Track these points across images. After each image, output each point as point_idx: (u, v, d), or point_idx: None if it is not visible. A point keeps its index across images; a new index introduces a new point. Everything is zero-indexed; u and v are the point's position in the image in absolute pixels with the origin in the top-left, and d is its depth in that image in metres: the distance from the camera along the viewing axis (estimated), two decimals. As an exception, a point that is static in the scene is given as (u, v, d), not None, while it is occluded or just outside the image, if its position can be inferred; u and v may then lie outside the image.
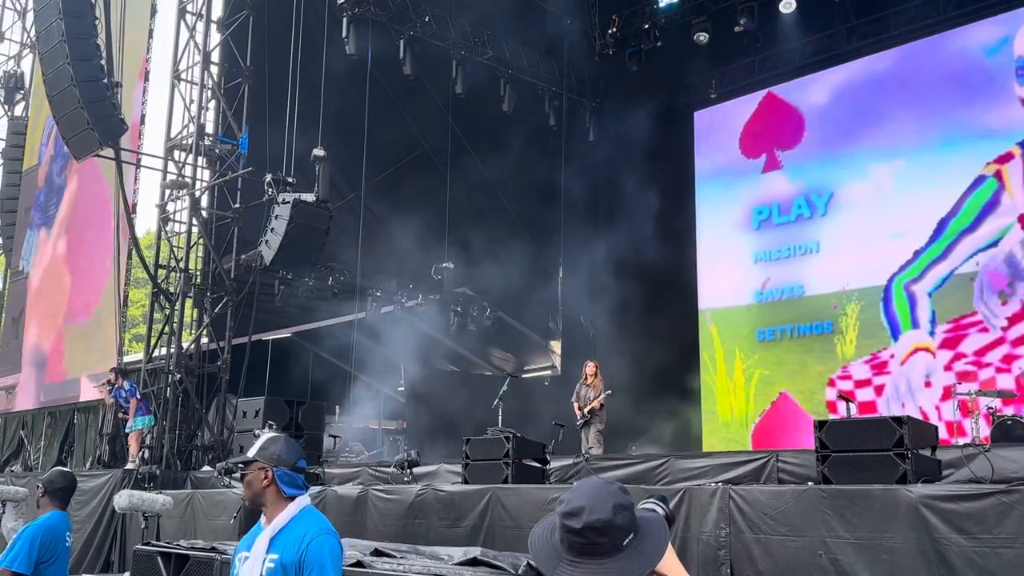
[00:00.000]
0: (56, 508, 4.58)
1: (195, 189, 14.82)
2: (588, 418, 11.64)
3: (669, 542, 1.84)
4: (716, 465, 7.97)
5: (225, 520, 9.78)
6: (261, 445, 2.91)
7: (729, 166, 16.17)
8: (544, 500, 7.29)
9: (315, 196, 12.55)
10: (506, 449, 8.27)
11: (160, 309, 15.11)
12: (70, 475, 4.75)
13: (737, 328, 15.54)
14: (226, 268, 14.54)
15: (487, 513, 7.65)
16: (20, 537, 4.42)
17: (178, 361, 13.99)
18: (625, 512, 1.72)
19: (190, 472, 12.81)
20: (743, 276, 15.52)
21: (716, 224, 16.24)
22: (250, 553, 2.83)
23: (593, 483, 1.77)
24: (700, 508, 6.32)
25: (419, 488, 8.43)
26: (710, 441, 15.29)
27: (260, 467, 2.87)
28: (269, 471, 2.87)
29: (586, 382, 11.89)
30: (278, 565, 2.74)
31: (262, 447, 2.90)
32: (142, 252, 15.40)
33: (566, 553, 1.68)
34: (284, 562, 2.74)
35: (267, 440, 2.93)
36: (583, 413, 11.61)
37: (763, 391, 14.96)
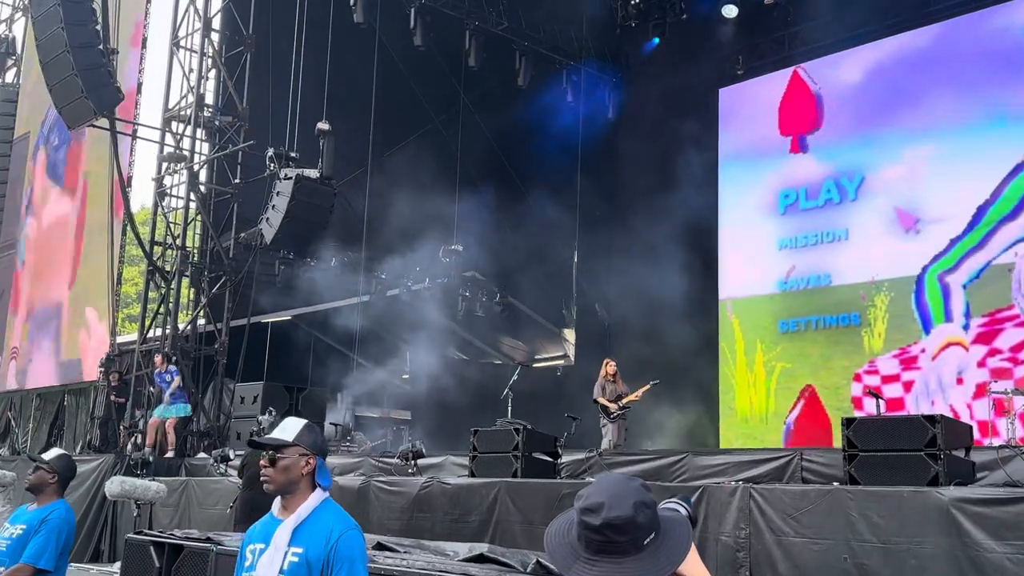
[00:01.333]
0: (60, 496, 4.52)
1: (193, 163, 14.83)
2: (626, 410, 11.88)
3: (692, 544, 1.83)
4: (736, 463, 7.96)
5: (221, 509, 9.84)
6: (299, 431, 2.89)
7: (755, 147, 16.07)
8: (555, 496, 7.30)
9: (319, 172, 12.54)
10: (516, 442, 8.28)
11: (155, 288, 15.17)
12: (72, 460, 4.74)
13: (759, 319, 15.49)
14: (225, 246, 14.57)
15: (495, 508, 7.66)
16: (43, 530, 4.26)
17: (173, 343, 14.06)
18: (647, 510, 1.72)
19: (184, 459, 12.89)
20: (767, 263, 15.45)
21: (740, 208, 16.16)
22: (267, 545, 2.81)
23: (614, 479, 1.76)
24: (719, 507, 6.31)
25: (424, 480, 8.45)
26: (728, 437, 15.28)
27: (302, 453, 2.86)
28: (312, 459, 2.88)
29: (609, 379, 12.01)
30: (303, 559, 2.74)
31: (301, 432, 2.89)
32: (137, 228, 15.45)
33: (583, 551, 1.68)
34: (310, 557, 2.74)
35: (303, 426, 2.92)
36: (618, 406, 11.73)
37: (785, 385, 14.92)
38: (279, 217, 12.38)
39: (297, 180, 12.28)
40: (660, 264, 15.50)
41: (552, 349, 19.31)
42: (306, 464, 2.86)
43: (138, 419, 14.42)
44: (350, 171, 16.18)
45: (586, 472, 8.82)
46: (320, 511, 2.85)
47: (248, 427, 12.41)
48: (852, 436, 6.37)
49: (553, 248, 17.60)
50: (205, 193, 15.07)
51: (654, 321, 15.91)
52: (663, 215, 15.50)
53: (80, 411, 17.13)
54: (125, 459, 12.32)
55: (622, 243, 17.58)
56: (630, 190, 17.62)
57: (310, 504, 2.85)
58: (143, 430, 13.90)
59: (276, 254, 14.56)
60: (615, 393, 11.96)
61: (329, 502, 2.90)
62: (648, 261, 15.69)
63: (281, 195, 12.42)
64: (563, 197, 16.89)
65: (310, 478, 2.88)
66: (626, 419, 11.98)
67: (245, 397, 13.19)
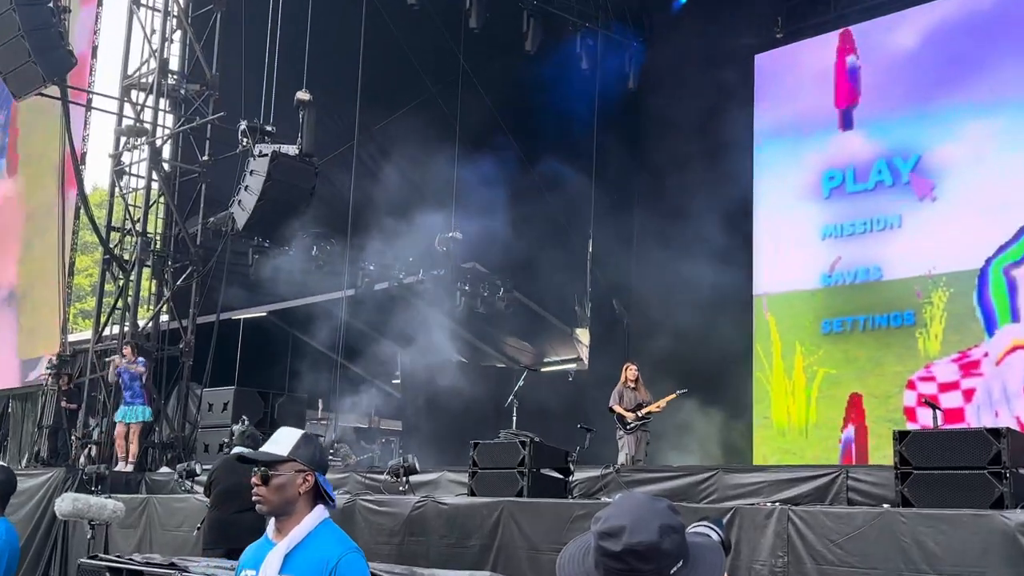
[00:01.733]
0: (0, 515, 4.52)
1: (155, 137, 14.84)
2: (647, 421, 11.91)
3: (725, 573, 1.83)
4: (772, 481, 7.95)
5: (187, 531, 9.86)
6: (294, 443, 2.89)
7: (795, 121, 16.03)
8: (567, 518, 7.30)
9: (298, 148, 12.54)
10: (521, 456, 8.28)
11: (112, 279, 15.19)
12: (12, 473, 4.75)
13: (799, 317, 15.48)
14: (191, 232, 14.59)
15: (498, 531, 7.67)
16: None
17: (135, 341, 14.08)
18: (674, 535, 1.72)
19: (145, 474, 12.93)
20: (808, 255, 15.42)
21: (777, 191, 16.13)
22: (257, 571, 2.83)
23: (637, 499, 1.76)
24: (753, 532, 6.31)
25: (417, 500, 8.46)
26: (762, 452, 15.28)
27: (299, 469, 2.85)
28: (310, 475, 2.87)
29: (629, 385, 12.04)
30: None
31: (297, 445, 2.88)
32: (91, 211, 15.48)
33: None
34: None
35: (300, 438, 2.92)
36: (636, 415, 11.75)
37: (828, 393, 14.91)
38: (253, 199, 12.38)
39: (273, 157, 12.28)
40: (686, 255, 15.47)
41: (563, 351, 19.33)
42: (303, 481, 2.85)
43: (92, 428, 14.46)
44: (334, 147, 16.18)
45: (602, 491, 8.81)
46: (317, 533, 2.84)
47: (217, 438, 12.45)
48: (905, 452, 6.35)
49: (565, 237, 17.60)
50: (169, 172, 15.07)
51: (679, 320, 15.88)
52: (690, 199, 15.47)
53: (26, 419, 17.20)
54: (77, 473, 12.35)
55: (643, 232, 17.57)
56: (652, 172, 17.60)
57: (306, 526, 2.84)
58: (98, 440, 13.94)
59: (249, 241, 14.58)
60: (635, 402, 11.98)
61: (328, 524, 2.89)
62: (672, 252, 15.67)
63: (255, 174, 12.42)
64: (576, 180, 16.87)
65: (309, 496, 2.87)
66: (647, 431, 12.01)
67: (214, 404, 13.23)
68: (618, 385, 12.20)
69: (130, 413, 13.15)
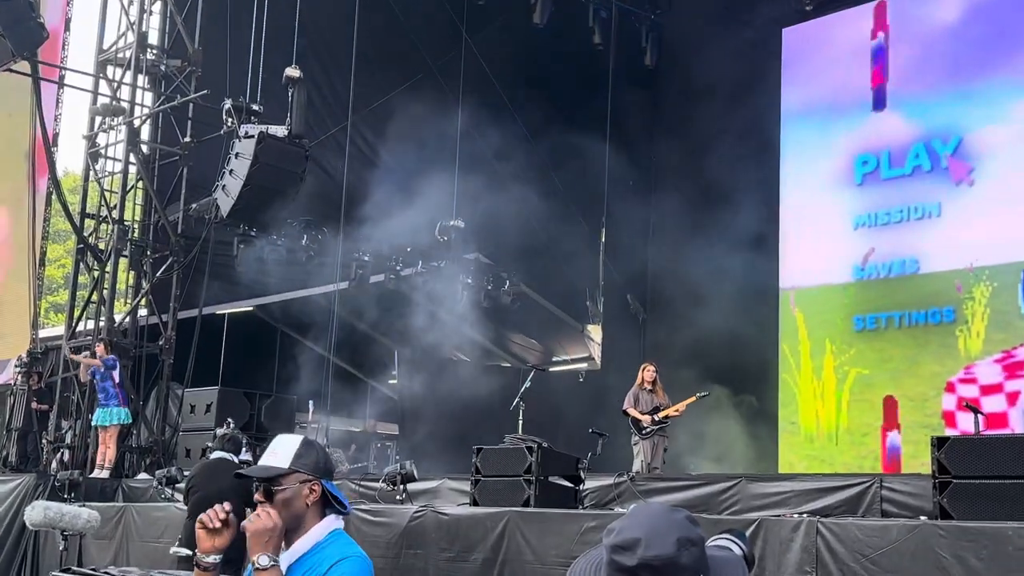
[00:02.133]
0: None
1: (133, 117, 14.85)
2: (664, 425, 11.92)
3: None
4: (800, 491, 7.96)
5: (166, 542, 9.89)
6: (295, 452, 2.86)
7: (826, 101, 15.99)
8: (577, 530, 7.31)
9: (287, 129, 12.54)
10: (528, 463, 8.29)
11: (86, 270, 15.23)
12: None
13: (829, 313, 15.45)
14: (172, 220, 14.62)
15: (502, 544, 7.68)
16: None
17: (109, 338, 14.12)
18: (692, 548, 1.72)
19: (122, 480, 12.97)
20: (839, 246, 15.39)
21: (806, 177, 16.09)
22: None
23: (653, 510, 1.76)
24: (779, 546, 6.31)
25: (415, 510, 8.48)
26: (789, 459, 15.27)
27: (303, 479, 2.83)
28: (316, 483, 2.85)
29: (646, 387, 12.06)
30: None
31: (298, 453, 2.86)
32: (64, 197, 15.52)
33: (615, 597, 1.68)
34: None
35: (300, 445, 2.89)
36: (653, 420, 11.78)
37: (860, 396, 14.89)
38: (238, 184, 12.39)
39: (260, 139, 12.28)
40: (707, 246, 15.45)
41: (574, 349, 19.33)
42: (310, 492, 2.84)
43: (64, 431, 14.50)
44: (326, 128, 16.18)
45: (615, 501, 8.82)
46: (325, 545, 2.83)
47: (200, 442, 12.48)
48: (944, 459, 6.34)
49: (575, 225, 17.58)
50: (148, 154, 15.09)
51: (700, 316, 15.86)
52: (711, 186, 15.45)
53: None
54: (49, 480, 12.40)
55: (660, 221, 17.54)
56: (671, 156, 17.58)
57: (312, 536, 2.84)
58: (71, 444, 13.98)
59: (234, 230, 14.59)
60: (652, 405, 12.01)
61: (338, 535, 2.88)
62: (692, 242, 15.65)
63: (241, 157, 12.43)
64: (589, 166, 16.85)
65: (317, 507, 2.86)
66: (665, 436, 12.03)
67: (196, 405, 13.26)
68: (634, 387, 12.22)
69: (104, 415, 13.18)
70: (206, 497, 8.05)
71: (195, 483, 8.29)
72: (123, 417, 13.30)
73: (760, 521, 6.57)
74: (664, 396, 12.14)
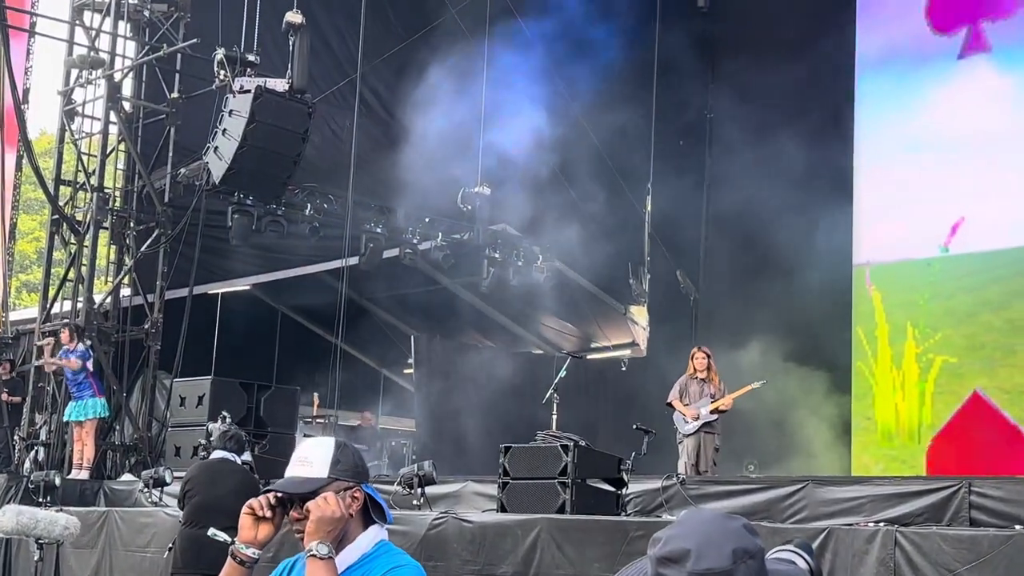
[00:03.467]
0: None
1: (114, 70, 14.93)
2: (712, 421, 11.81)
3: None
4: (875, 496, 7.94)
5: (155, 552, 10.01)
6: (331, 457, 2.87)
7: (908, 47, 15.84)
8: (620, 539, 7.33)
9: (288, 83, 12.57)
10: (563, 463, 8.31)
11: (62, 245, 15.35)
12: None
13: (911, 293, 15.36)
14: (158, 187, 14.69)
15: (534, 556, 7.71)
16: None
17: (88, 321, 14.25)
18: (750, 561, 1.73)
19: (103, 482, 13.11)
20: (923, 216, 15.28)
21: (885, 136, 15.97)
22: None
23: (705, 517, 1.77)
24: (851, 559, 6.30)
25: (435, 516, 8.52)
26: (864, 460, 15.24)
27: (344, 487, 2.85)
28: (358, 490, 2.88)
29: (696, 375, 11.97)
30: None
31: (335, 459, 2.87)
32: (36, 161, 15.63)
33: (662, 616, 1.69)
34: None
35: (334, 449, 2.89)
36: (698, 414, 11.72)
37: (947, 388, 14.82)
38: (232, 146, 12.44)
39: (257, 95, 12.32)
40: (768, 216, 15.38)
41: (615, 334, 19.33)
42: (352, 500, 2.86)
43: (39, 426, 14.66)
44: (332, 82, 16.20)
45: (663, 507, 8.83)
46: (373, 557, 2.87)
47: (191, 439, 12.59)
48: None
49: (617, 191, 17.54)
50: (130, 112, 15.16)
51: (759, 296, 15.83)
52: (773, 145, 15.36)
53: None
54: (22, 481, 12.54)
55: (715, 186, 17.48)
56: (727, 112, 17.48)
57: (359, 547, 2.87)
58: (47, 441, 14.14)
59: (228, 198, 14.66)
60: (701, 396, 11.89)
61: (386, 546, 2.92)
62: (750, 212, 15.59)
63: (235, 115, 12.47)
64: (631, 118, 16.79)
65: (361, 515, 2.89)
66: (715, 433, 11.89)
67: (186, 398, 13.35)
68: (683, 375, 12.15)
69: (78, 409, 13.29)
70: (205, 502, 8.15)
71: (193, 486, 8.38)
72: (100, 409, 13.40)
73: (829, 531, 6.57)
74: (719, 386, 12.00)
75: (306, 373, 16.47)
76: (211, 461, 8.66)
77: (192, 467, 9.11)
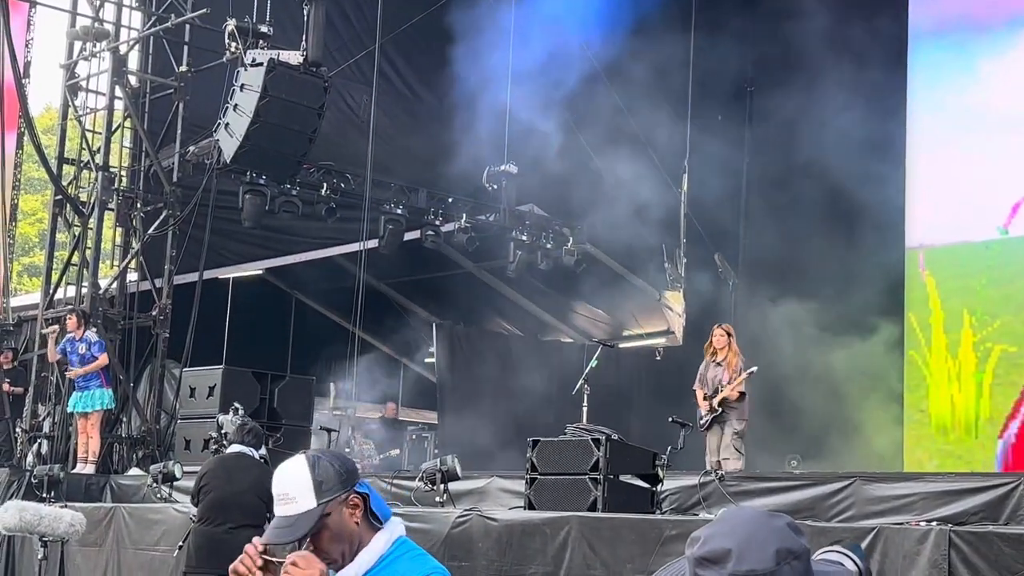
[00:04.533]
0: None
1: (119, 41, 14.99)
2: (719, 412, 11.64)
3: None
4: (928, 493, 7.91)
5: (165, 550, 10.09)
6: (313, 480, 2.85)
7: (965, 17, 15.71)
8: (655, 539, 7.33)
9: (302, 55, 12.59)
10: (595, 458, 8.31)
11: (66, 227, 15.44)
12: None
13: (968, 278, 15.26)
14: (166, 166, 14.75)
15: (564, 556, 7.72)
16: None
17: (93, 307, 14.33)
18: (795, 562, 1.73)
19: (109, 477, 13.21)
20: (981, 196, 15.18)
21: (940, 112, 15.85)
22: None
23: (747, 516, 1.77)
24: (902, 560, 6.29)
25: (459, 514, 8.55)
26: (917, 455, 15.17)
27: (340, 502, 2.87)
28: (354, 495, 2.90)
29: (714, 358, 11.86)
30: None
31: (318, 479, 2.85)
32: (39, 138, 15.70)
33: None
34: None
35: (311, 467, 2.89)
36: (710, 406, 11.60)
37: (1007, 379, 14.73)
38: (244, 123, 12.47)
39: (270, 68, 12.34)
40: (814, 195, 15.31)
41: (649, 321, 19.31)
42: (353, 509, 2.89)
43: (42, 418, 14.76)
44: (350, 54, 16.21)
45: (700, 505, 8.82)
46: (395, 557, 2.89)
47: (201, 431, 12.66)
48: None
49: (651, 169, 17.49)
50: (137, 87, 15.22)
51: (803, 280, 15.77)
52: (820, 120, 15.27)
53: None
54: (24, 476, 12.64)
55: (756, 164, 17.40)
56: (769, 83, 17.39)
57: (376, 548, 2.89)
58: (50, 434, 14.24)
59: (240, 178, 14.71)
60: (716, 382, 11.75)
61: (406, 544, 2.94)
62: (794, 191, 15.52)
63: (247, 90, 12.50)
64: (666, 91, 16.73)
65: (366, 522, 2.92)
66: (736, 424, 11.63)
67: (196, 388, 13.43)
68: (704, 361, 11.99)
69: (84, 400, 13.37)
70: (221, 499, 8.22)
71: (208, 482, 8.44)
72: (107, 401, 13.49)
73: (879, 530, 6.55)
74: (737, 367, 11.63)
75: (322, 362, 16.55)
76: (227, 456, 8.73)
77: (207, 462, 9.16)
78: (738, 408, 11.69)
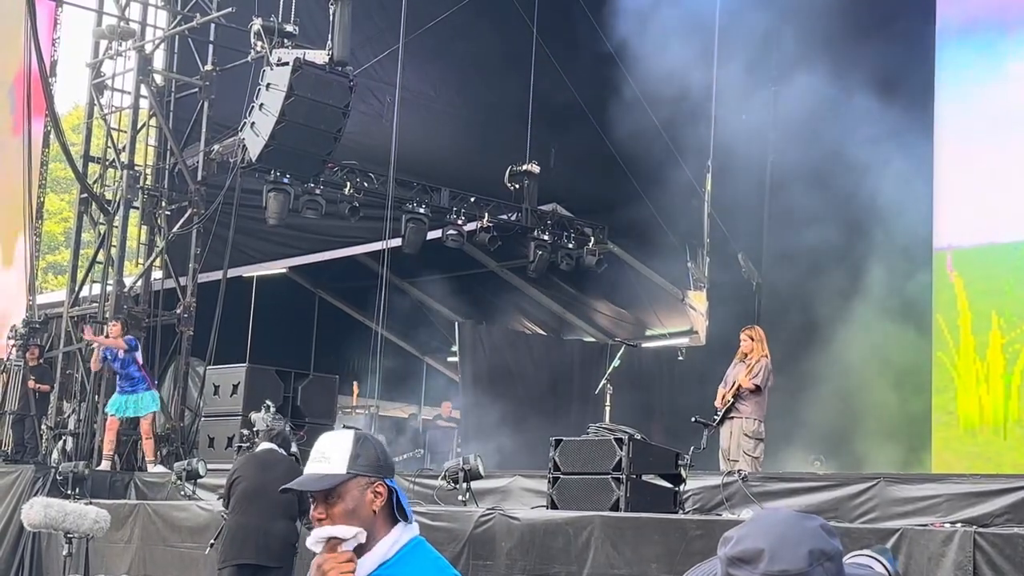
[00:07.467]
0: None
1: (145, 41, 15.05)
2: (731, 404, 11.62)
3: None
4: (953, 494, 7.86)
5: (194, 547, 10.13)
6: (350, 452, 2.88)
7: (994, 14, 15.62)
8: (680, 539, 7.33)
9: (328, 55, 12.62)
10: (618, 458, 8.31)
11: (91, 225, 15.51)
12: None
13: (997, 279, 15.17)
14: (190, 165, 14.81)
15: (587, 556, 7.72)
16: None
17: (117, 306, 14.40)
18: (827, 564, 1.73)
19: (133, 474, 13.27)
20: (1009, 197, 15.09)
21: (970, 110, 15.76)
22: None
23: (780, 516, 1.77)
24: (926, 562, 6.27)
25: (481, 513, 8.56)
26: (944, 456, 15.08)
27: (366, 482, 2.88)
28: (381, 484, 2.90)
29: (742, 359, 11.82)
30: None
31: (354, 453, 2.88)
32: (64, 137, 15.78)
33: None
34: None
35: (353, 442, 2.90)
36: (723, 397, 11.53)
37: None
38: (270, 122, 12.51)
39: (296, 67, 12.38)
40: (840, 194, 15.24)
41: (672, 321, 19.28)
42: (375, 496, 2.88)
43: (67, 415, 14.83)
44: (374, 53, 16.23)
45: (723, 505, 8.80)
46: (404, 560, 2.88)
47: (225, 429, 12.72)
48: None
49: (674, 167, 17.45)
50: (162, 86, 15.28)
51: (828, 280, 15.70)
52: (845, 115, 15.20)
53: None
54: (49, 473, 12.70)
55: (779, 162, 17.32)
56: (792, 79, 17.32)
57: (385, 547, 2.88)
58: (75, 431, 14.30)
59: (265, 176, 14.76)
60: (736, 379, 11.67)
61: (420, 544, 2.93)
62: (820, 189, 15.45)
63: (273, 89, 12.54)
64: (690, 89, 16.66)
65: (385, 514, 2.90)
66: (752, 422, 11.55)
67: (220, 386, 13.47)
68: (733, 363, 11.94)
69: (134, 404, 13.37)
70: (253, 488, 8.33)
71: (241, 475, 8.54)
72: (156, 403, 13.61)
73: (903, 531, 6.54)
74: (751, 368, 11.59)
75: (345, 361, 16.59)
76: (258, 452, 8.87)
77: (239, 459, 9.34)
78: (749, 403, 11.59)
